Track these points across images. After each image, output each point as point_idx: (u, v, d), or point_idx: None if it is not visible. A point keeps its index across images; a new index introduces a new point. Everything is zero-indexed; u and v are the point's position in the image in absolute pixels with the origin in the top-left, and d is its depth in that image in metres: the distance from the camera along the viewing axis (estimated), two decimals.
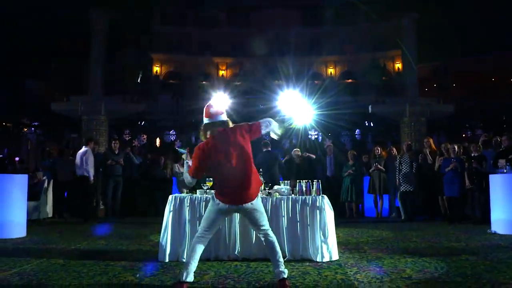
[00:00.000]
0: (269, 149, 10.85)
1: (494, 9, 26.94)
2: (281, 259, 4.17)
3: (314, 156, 12.02)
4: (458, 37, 28.27)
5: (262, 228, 4.20)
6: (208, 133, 4.18)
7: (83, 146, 10.77)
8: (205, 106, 4.26)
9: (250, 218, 4.24)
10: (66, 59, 27.77)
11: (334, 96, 23.25)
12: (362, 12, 31.69)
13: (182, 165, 12.06)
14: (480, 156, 9.41)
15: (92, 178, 10.61)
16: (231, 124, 4.23)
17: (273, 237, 4.22)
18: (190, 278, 4.14)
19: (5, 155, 12.78)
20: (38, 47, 27.81)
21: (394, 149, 11.60)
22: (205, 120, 4.22)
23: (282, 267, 4.13)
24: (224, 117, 4.20)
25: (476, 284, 4.22)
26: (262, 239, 4.25)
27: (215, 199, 4.19)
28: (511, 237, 7.29)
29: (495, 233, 7.74)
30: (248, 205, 4.10)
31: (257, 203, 4.19)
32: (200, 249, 4.21)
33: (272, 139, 4.41)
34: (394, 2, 16.00)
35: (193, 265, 4.16)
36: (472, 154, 9.56)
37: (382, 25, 29.38)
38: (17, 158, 12.18)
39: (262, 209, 4.25)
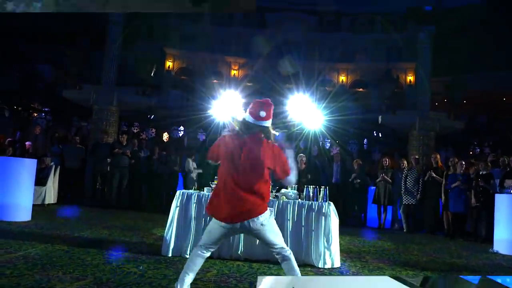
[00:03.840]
0: None
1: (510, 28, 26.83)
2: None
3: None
4: (473, 54, 28.14)
5: (274, 246, 3.67)
6: (240, 129, 3.74)
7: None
8: (256, 103, 3.77)
9: (258, 238, 3.80)
10: (80, 47, 27.87)
11: (344, 102, 23.23)
12: (379, 22, 31.70)
13: (194, 161, 12.16)
14: (488, 175, 9.39)
15: None
16: (271, 134, 3.76)
17: (288, 255, 3.65)
18: None
19: (17, 138, 12.85)
20: (54, 33, 27.93)
21: (405, 162, 11.54)
22: (247, 117, 3.73)
23: None
24: (266, 124, 3.73)
25: None
26: (277, 257, 3.69)
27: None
28: None
29: (497, 252, 7.74)
30: (247, 224, 3.55)
31: (261, 222, 3.59)
32: (199, 262, 3.70)
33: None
34: (412, 15, 15.97)
35: (190, 278, 3.65)
36: (481, 172, 9.53)
37: (398, 36, 29.35)
38: (28, 143, 12.24)
39: (271, 228, 3.67)
